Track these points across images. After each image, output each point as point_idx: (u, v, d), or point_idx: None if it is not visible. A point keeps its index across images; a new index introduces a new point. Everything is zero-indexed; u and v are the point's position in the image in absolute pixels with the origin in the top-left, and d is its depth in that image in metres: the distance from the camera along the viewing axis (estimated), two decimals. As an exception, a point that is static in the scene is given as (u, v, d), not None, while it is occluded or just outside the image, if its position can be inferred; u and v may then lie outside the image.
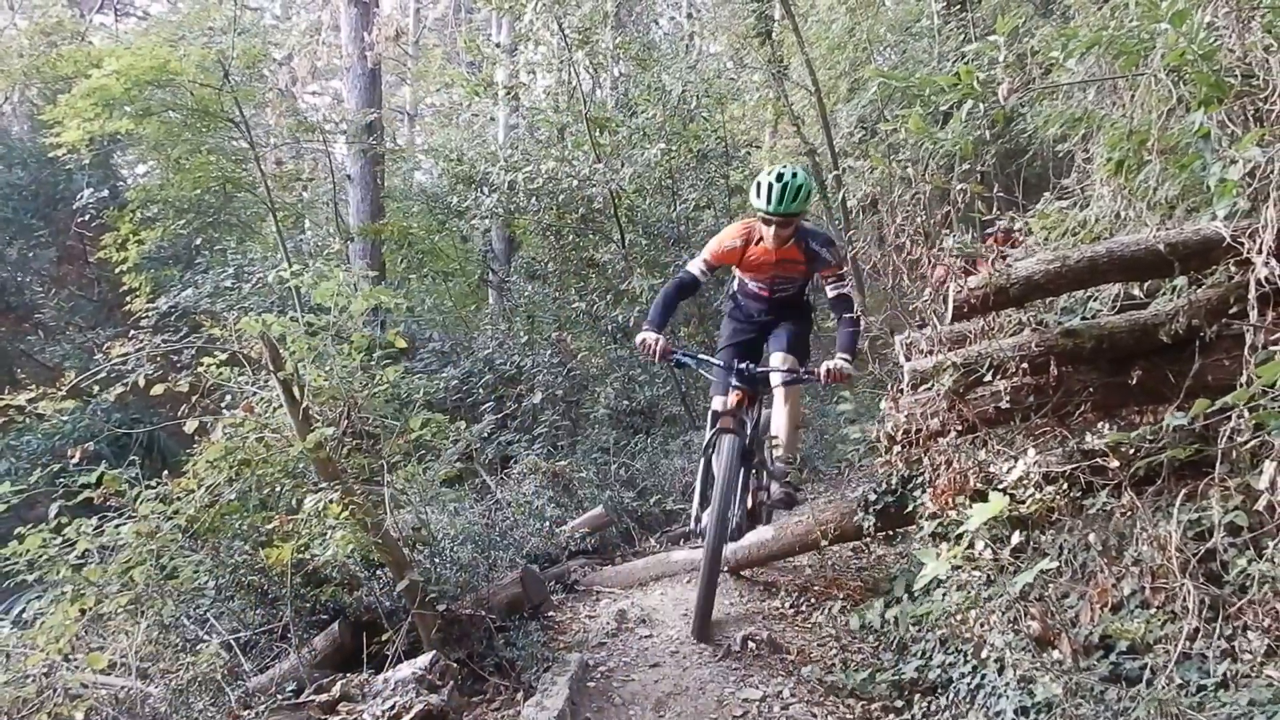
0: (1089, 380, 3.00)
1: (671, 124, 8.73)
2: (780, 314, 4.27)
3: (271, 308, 7.36)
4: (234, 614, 3.86)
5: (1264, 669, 2.30)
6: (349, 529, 3.46)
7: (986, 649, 2.85)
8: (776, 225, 3.80)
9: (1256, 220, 2.53)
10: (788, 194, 3.73)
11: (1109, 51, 3.32)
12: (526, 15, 8.92)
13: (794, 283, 4.21)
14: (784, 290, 4.22)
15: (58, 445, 8.07)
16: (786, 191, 3.73)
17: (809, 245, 3.96)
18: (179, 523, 3.60)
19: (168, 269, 10.52)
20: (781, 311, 4.27)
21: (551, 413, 7.90)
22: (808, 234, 3.99)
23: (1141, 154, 3.17)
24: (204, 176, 10.10)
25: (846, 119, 9.32)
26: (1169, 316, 2.79)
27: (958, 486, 3.28)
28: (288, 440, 3.63)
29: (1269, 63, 2.86)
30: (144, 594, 3.53)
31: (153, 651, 3.56)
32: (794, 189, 3.74)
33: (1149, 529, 2.67)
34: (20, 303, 11.73)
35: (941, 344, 3.20)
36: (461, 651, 3.61)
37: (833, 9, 9.86)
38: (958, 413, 3.17)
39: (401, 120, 19.30)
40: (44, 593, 3.54)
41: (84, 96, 8.34)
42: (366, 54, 9.83)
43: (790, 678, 3.45)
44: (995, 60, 3.41)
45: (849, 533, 4.17)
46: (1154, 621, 2.61)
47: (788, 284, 4.20)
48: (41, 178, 11.90)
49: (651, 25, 13.51)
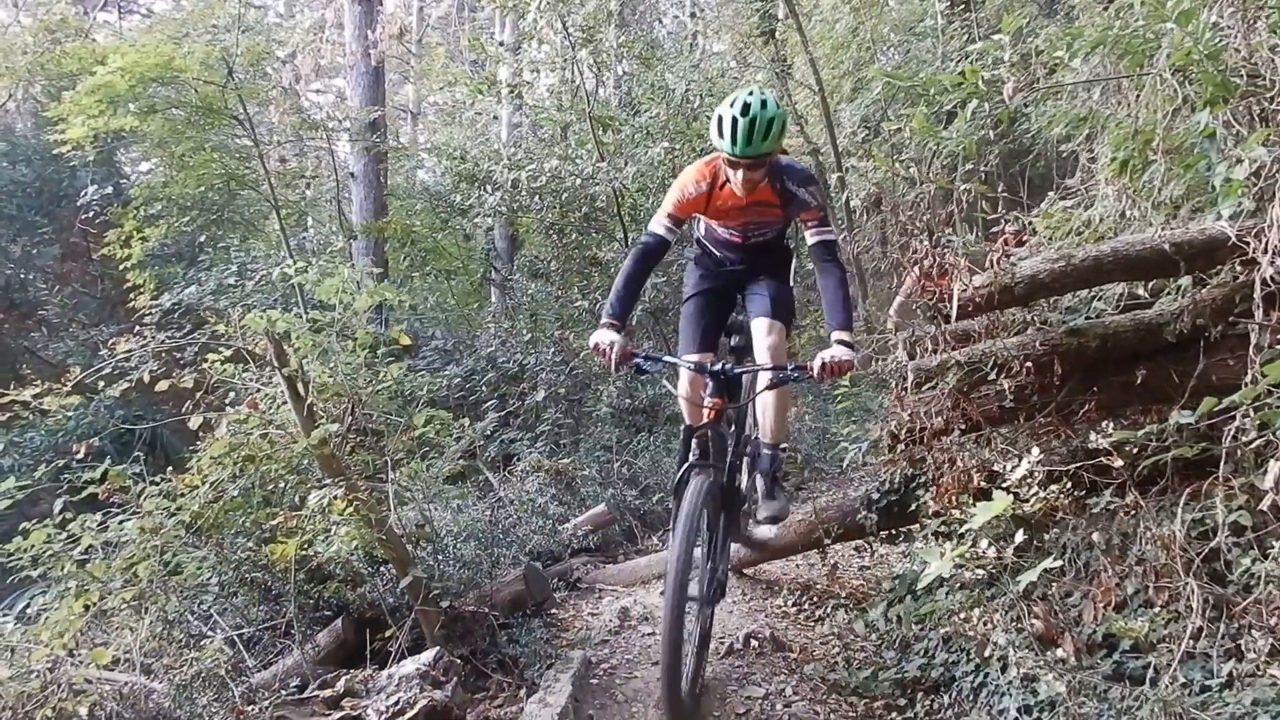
0: (1093, 379, 3.00)
1: (675, 123, 8.73)
2: (756, 262, 3.59)
3: (275, 305, 7.37)
4: (238, 610, 3.87)
5: (1268, 668, 2.30)
6: (353, 525, 3.47)
7: (990, 647, 2.85)
8: (745, 169, 3.06)
9: (1262, 220, 2.53)
10: (757, 131, 2.95)
11: (1114, 51, 3.32)
12: (530, 14, 8.92)
13: (771, 227, 3.52)
14: (760, 235, 3.53)
15: (62, 441, 8.08)
16: (755, 128, 2.94)
17: (785, 185, 3.23)
18: (183, 519, 3.61)
19: (171, 266, 10.53)
20: (758, 259, 3.59)
21: (554, 411, 7.90)
22: (783, 171, 3.25)
23: (1146, 153, 3.18)
24: (208, 174, 10.10)
25: (850, 118, 9.32)
26: (1174, 316, 2.80)
27: (961, 485, 3.29)
28: (292, 437, 3.64)
29: (1274, 62, 2.86)
30: (148, 590, 3.53)
31: (157, 647, 3.57)
32: (764, 124, 2.94)
33: (1153, 528, 2.67)
34: (24, 299, 11.75)
35: (946, 342, 3.21)
36: (465, 648, 3.61)
37: (836, 8, 9.87)
38: (961, 411, 3.17)
39: (405, 118, 19.32)
40: (48, 588, 3.54)
41: (88, 93, 8.35)
42: (370, 52, 9.83)
43: (793, 675, 3.46)
44: (1000, 60, 3.42)
45: (852, 531, 4.16)
46: (1158, 620, 2.61)
47: (764, 229, 3.50)
48: (46, 175, 11.91)
49: (655, 24, 13.49)
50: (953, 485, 3.30)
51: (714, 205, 3.34)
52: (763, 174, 3.14)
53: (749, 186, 3.14)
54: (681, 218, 3.39)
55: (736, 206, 3.33)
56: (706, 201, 3.33)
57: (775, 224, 3.52)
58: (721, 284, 3.64)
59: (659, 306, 8.15)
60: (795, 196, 3.25)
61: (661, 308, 8.14)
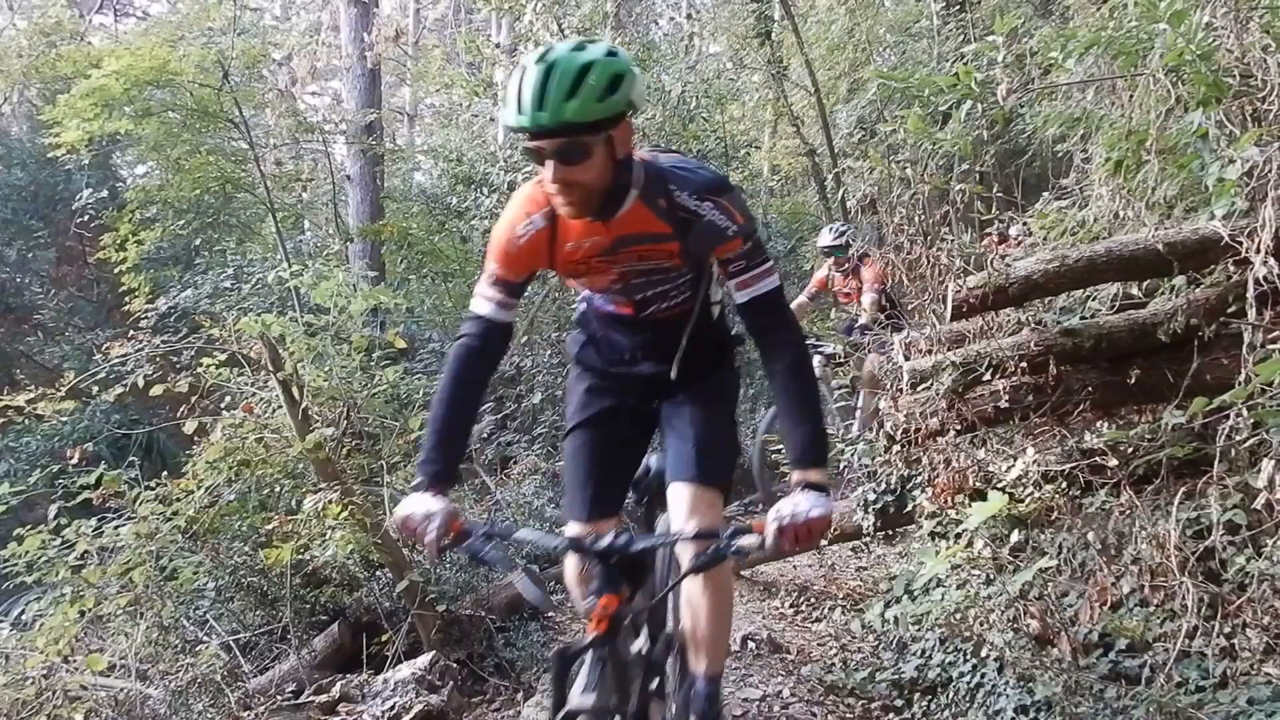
0: (1088, 379, 3.01)
1: (671, 124, 8.73)
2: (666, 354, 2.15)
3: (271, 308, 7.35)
4: (233, 615, 3.87)
5: (1262, 667, 2.31)
6: (349, 530, 3.47)
7: (986, 648, 2.85)
8: (552, 157, 1.75)
9: (1254, 220, 2.54)
10: (557, 83, 1.68)
11: (1108, 52, 3.33)
12: (526, 16, 8.92)
13: (673, 283, 2.09)
14: (663, 302, 2.12)
15: (57, 446, 8.05)
16: (556, 80, 1.68)
17: (675, 200, 1.89)
18: (178, 524, 3.61)
19: (167, 269, 10.50)
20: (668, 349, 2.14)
21: (551, 413, 7.88)
22: (665, 177, 1.91)
23: (1140, 154, 3.18)
24: (203, 177, 10.09)
25: (846, 119, 9.32)
26: (1167, 316, 2.80)
27: (957, 485, 3.29)
28: (287, 441, 3.64)
29: (1267, 63, 2.87)
30: (143, 595, 3.53)
31: (152, 653, 3.57)
32: (571, 74, 1.68)
33: (1148, 527, 2.67)
34: (19, 303, 11.72)
35: (940, 343, 3.21)
36: (461, 652, 3.61)
37: (832, 10, 9.88)
38: (957, 412, 3.17)
39: (401, 121, 19.30)
40: (43, 594, 3.54)
41: (83, 97, 8.34)
42: (366, 54, 9.82)
43: (790, 677, 3.46)
44: (994, 61, 3.42)
45: (848, 532, 4.16)
46: (1153, 620, 2.62)
47: (662, 287, 2.09)
48: (41, 178, 11.89)
49: (651, 25, 13.51)
50: (948, 486, 3.30)
51: (562, 252, 1.98)
52: (598, 172, 1.77)
53: (571, 198, 1.78)
54: (516, 281, 2.02)
55: (599, 249, 1.96)
56: (549, 247, 1.97)
57: (677, 277, 2.06)
58: (619, 400, 2.23)
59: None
60: (696, 218, 1.87)
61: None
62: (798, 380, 1.90)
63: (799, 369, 1.91)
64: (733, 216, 1.89)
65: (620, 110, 1.75)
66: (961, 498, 3.23)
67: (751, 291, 1.92)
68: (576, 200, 1.80)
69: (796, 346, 1.94)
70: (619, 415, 2.24)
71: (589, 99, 1.68)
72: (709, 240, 1.91)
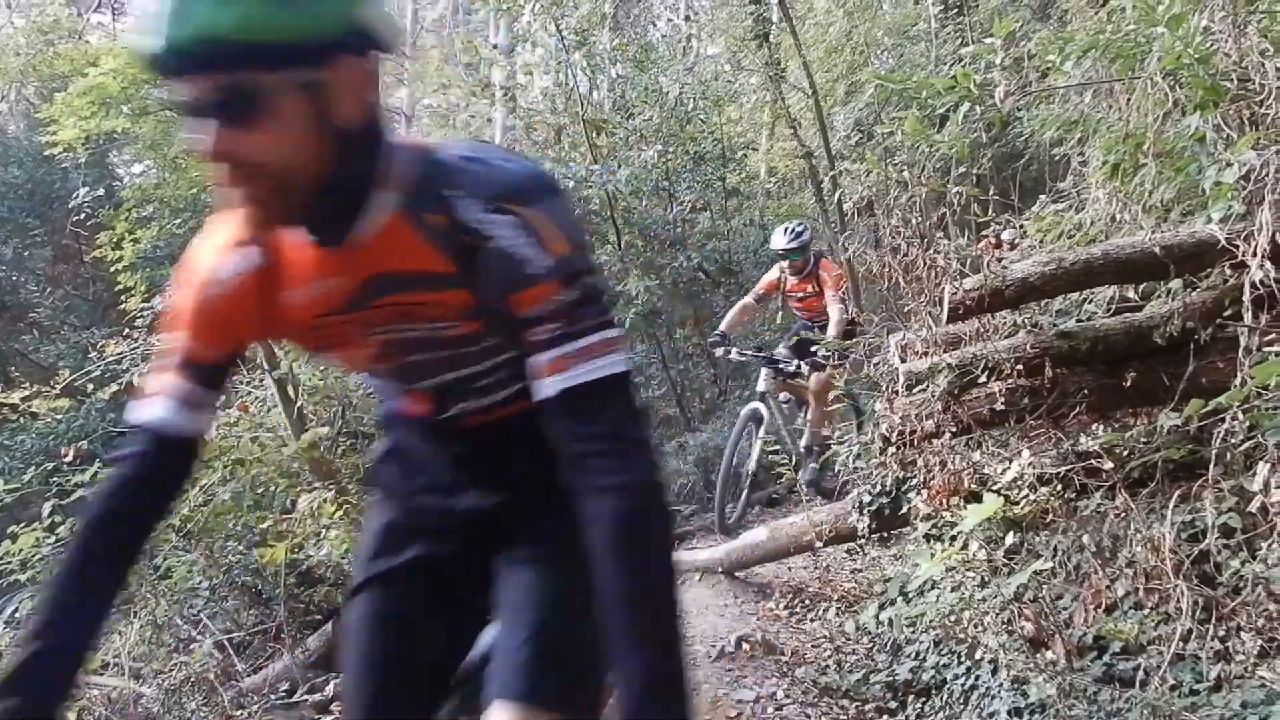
0: (1084, 382, 3.01)
1: (669, 126, 8.74)
2: (496, 481, 1.33)
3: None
4: (227, 614, 3.86)
5: (1257, 670, 2.31)
6: (343, 529, 3.46)
7: (980, 650, 2.85)
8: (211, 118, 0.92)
9: (1251, 223, 2.54)
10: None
11: (1105, 55, 3.33)
12: (524, 16, 8.94)
13: (477, 362, 1.20)
14: (468, 397, 1.26)
15: (52, 444, 8.03)
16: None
17: (456, 214, 1.04)
18: (173, 522, 3.60)
19: (163, 268, 10.45)
20: (500, 475, 1.33)
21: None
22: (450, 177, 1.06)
23: (1137, 157, 3.18)
24: (200, 175, 10.07)
25: (843, 122, 9.36)
26: (1164, 319, 2.80)
27: (952, 488, 3.29)
28: (282, 440, 3.63)
29: (1264, 66, 2.88)
30: (137, 594, 3.52)
31: (146, 651, 3.56)
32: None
33: (1143, 530, 2.67)
34: (15, 301, 11.71)
35: (936, 346, 3.21)
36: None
37: (830, 12, 9.91)
38: (952, 414, 3.17)
39: (398, 121, 19.30)
40: (37, 593, 3.52)
41: (80, 95, 8.34)
42: (364, 54, 9.81)
43: (784, 679, 3.45)
44: (992, 63, 3.42)
45: (844, 534, 4.16)
46: (1147, 623, 2.62)
47: (463, 369, 1.21)
48: (37, 176, 11.87)
49: (649, 27, 13.53)
50: (944, 488, 3.30)
51: (287, 308, 1.16)
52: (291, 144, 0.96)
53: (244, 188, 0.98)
54: (212, 360, 1.21)
55: (340, 299, 1.12)
56: (259, 298, 1.16)
57: (483, 355, 1.19)
58: (430, 548, 1.37)
59: (651, 309, 8.08)
60: (481, 241, 1.04)
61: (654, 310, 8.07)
62: (632, 556, 1.00)
63: (637, 535, 1.00)
64: (542, 241, 1.03)
65: (336, 31, 0.95)
66: (957, 500, 3.23)
67: (566, 378, 1.03)
68: (254, 194, 0.98)
69: (637, 492, 1.02)
70: (430, 572, 1.35)
71: (263, 1, 0.90)
72: (498, 281, 1.04)
